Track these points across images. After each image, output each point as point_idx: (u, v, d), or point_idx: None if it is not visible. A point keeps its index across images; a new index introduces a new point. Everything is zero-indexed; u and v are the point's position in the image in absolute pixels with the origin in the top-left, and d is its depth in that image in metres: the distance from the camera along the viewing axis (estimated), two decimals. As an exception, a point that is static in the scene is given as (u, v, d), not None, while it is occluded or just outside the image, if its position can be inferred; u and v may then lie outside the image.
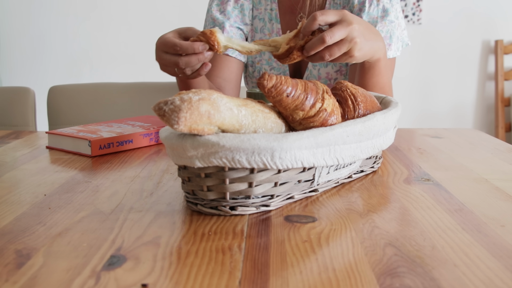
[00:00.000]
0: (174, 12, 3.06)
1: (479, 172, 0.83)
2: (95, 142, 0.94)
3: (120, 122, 1.11)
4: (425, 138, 1.13)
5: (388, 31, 1.16)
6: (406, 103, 3.16)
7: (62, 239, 0.56)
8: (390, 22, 1.16)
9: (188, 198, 0.66)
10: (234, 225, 0.60)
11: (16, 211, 0.66)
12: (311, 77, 1.24)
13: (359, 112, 0.75)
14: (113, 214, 0.64)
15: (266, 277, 0.47)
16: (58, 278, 0.47)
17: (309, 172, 0.68)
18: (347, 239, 0.56)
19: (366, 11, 1.16)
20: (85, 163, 0.91)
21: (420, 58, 3.20)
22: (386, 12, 1.16)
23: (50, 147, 1.02)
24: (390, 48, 1.16)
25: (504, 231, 0.58)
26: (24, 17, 3.06)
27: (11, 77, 3.09)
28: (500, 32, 3.18)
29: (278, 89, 0.66)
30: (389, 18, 1.16)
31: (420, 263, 0.50)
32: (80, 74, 3.07)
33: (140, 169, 0.86)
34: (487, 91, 3.26)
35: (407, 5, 3.11)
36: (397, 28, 1.18)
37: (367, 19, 1.15)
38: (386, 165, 0.89)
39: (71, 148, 0.98)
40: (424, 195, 0.71)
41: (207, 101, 0.58)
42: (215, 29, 0.85)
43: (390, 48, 1.16)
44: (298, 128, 0.70)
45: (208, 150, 0.59)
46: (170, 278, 0.47)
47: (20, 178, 0.82)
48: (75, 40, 3.09)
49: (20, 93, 1.54)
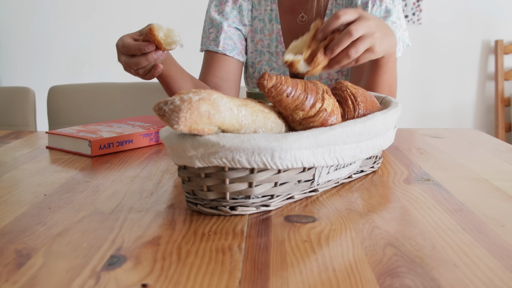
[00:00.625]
0: (174, 12, 3.06)
1: (479, 172, 0.83)
2: (95, 142, 0.94)
3: (120, 122, 1.11)
4: (425, 138, 1.13)
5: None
6: (406, 103, 3.16)
7: (62, 239, 0.56)
8: (393, 22, 1.17)
9: (188, 198, 0.66)
10: (234, 225, 0.60)
11: (16, 211, 0.66)
12: (312, 77, 1.24)
13: (359, 112, 0.75)
14: (113, 214, 0.64)
15: (266, 277, 0.47)
16: (58, 278, 0.47)
17: (309, 172, 0.68)
18: (347, 239, 0.56)
19: (369, 12, 1.16)
20: (85, 163, 0.91)
21: (420, 58, 3.20)
22: (388, 12, 1.17)
23: (50, 147, 1.02)
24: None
25: (504, 231, 0.58)
26: (24, 17, 3.06)
27: (11, 77, 3.09)
28: (500, 32, 3.18)
29: (278, 89, 0.66)
30: (392, 18, 1.17)
31: (420, 263, 0.50)
32: (80, 74, 3.07)
33: (140, 169, 0.86)
34: (487, 91, 3.26)
35: (407, 5, 3.11)
36: (399, 29, 1.18)
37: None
38: (386, 165, 0.89)
39: (71, 148, 0.98)
40: (424, 195, 0.71)
41: (207, 101, 0.58)
42: (153, 25, 0.83)
43: None
44: (298, 128, 0.70)
45: (208, 150, 0.59)
46: (170, 278, 0.47)
47: (20, 178, 0.82)
48: (75, 40, 3.09)
49: (20, 93, 1.54)
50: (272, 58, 1.26)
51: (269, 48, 1.26)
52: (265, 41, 1.26)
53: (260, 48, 1.27)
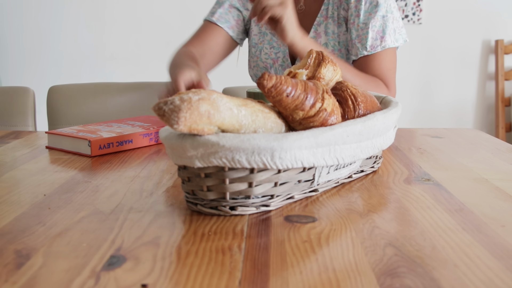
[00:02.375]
0: (174, 12, 3.06)
1: (479, 172, 0.83)
2: (95, 142, 0.94)
3: (120, 122, 1.11)
4: (425, 138, 1.13)
5: (381, 25, 1.22)
6: (406, 103, 3.16)
7: (62, 239, 0.56)
8: (382, 17, 1.23)
9: (188, 198, 0.66)
10: (234, 225, 0.60)
11: (15, 211, 0.66)
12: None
13: (359, 112, 0.74)
14: (113, 214, 0.64)
15: (266, 277, 0.47)
16: (57, 278, 0.47)
17: (309, 172, 0.68)
18: (347, 239, 0.56)
19: (362, 6, 1.23)
20: (85, 163, 0.91)
21: (420, 58, 3.20)
22: (378, 7, 1.22)
23: (49, 147, 1.02)
24: (384, 39, 1.22)
25: (504, 231, 0.58)
26: (24, 17, 3.06)
27: (11, 77, 3.09)
28: (500, 32, 3.18)
29: (278, 89, 0.65)
30: (381, 13, 1.22)
31: (420, 263, 0.50)
32: (80, 74, 3.07)
33: (140, 169, 0.86)
34: (488, 91, 3.26)
35: (407, 5, 3.11)
36: (392, 21, 1.24)
37: (363, 15, 1.23)
38: (386, 165, 0.88)
39: (70, 148, 0.98)
40: (424, 195, 0.71)
41: (207, 101, 0.58)
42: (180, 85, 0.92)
43: (384, 40, 1.22)
44: (298, 128, 0.70)
45: (208, 150, 0.59)
46: (170, 278, 0.47)
47: (20, 178, 0.81)
48: (75, 40, 3.09)
49: (20, 93, 1.54)
50: (273, 38, 1.34)
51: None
52: None
53: (264, 30, 1.36)
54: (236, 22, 1.37)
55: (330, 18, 1.28)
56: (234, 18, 1.36)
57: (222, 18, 1.35)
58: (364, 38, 1.22)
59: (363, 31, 1.23)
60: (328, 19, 1.28)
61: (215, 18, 1.34)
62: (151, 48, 3.07)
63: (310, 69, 0.77)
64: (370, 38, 1.22)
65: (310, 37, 1.29)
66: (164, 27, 3.06)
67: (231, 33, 1.35)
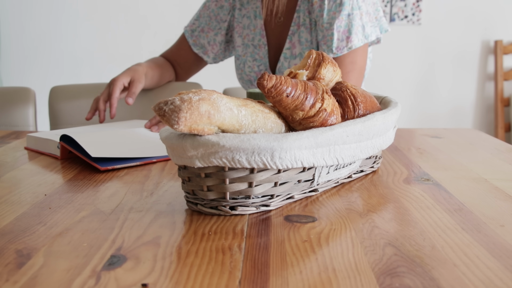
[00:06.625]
0: (174, 12, 3.06)
1: (479, 172, 0.83)
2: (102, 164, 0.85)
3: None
4: (425, 138, 1.13)
5: (347, 24, 1.19)
6: (406, 103, 3.16)
7: (63, 239, 0.56)
8: (348, 15, 1.19)
9: (188, 198, 0.66)
10: (234, 225, 0.61)
11: (16, 211, 0.66)
12: (283, 69, 1.31)
13: (359, 112, 0.75)
14: (113, 214, 0.64)
15: (266, 277, 0.48)
16: (58, 278, 0.47)
17: (309, 172, 0.68)
18: (347, 239, 0.56)
19: (326, 6, 1.20)
20: (86, 163, 0.91)
21: (419, 59, 3.20)
22: (342, 5, 1.18)
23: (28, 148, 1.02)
24: (350, 40, 1.19)
25: (503, 231, 0.58)
26: (24, 17, 3.06)
27: (11, 77, 3.09)
28: (499, 32, 3.18)
29: (278, 89, 0.66)
30: (345, 12, 1.18)
31: (419, 263, 0.50)
32: (80, 74, 3.07)
33: (141, 169, 0.86)
34: (487, 91, 3.26)
35: (407, 5, 3.11)
36: (360, 17, 1.20)
37: (326, 14, 1.20)
38: (386, 165, 0.89)
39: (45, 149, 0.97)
40: (424, 195, 0.71)
41: (207, 101, 0.58)
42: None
43: (350, 40, 1.19)
44: (298, 128, 0.70)
45: (208, 150, 0.59)
46: (170, 278, 0.47)
47: (21, 178, 0.82)
48: (75, 40, 3.09)
49: (21, 93, 1.54)
50: (255, 50, 1.34)
51: (253, 41, 1.34)
52: (250, 35, 1.35)
53: (246, 42, 1.35)
54: (212, 47, 1.41)
55: (302, 26, 1.25)
56: (210, 43, 1.40)
57: (198, 43, 1.41)
58: (329, 39, 1.19)
59: (328, 31, 1.19)
60: (300, 27, 1.25)
61: (192, 42, 1.41)
62: (153, 48, 3.07)
63: (310, 70, 0.77)
64: (336, 40, 1.18)
65: (286, 48, 1.28)
66: (164, 27, 3.06)
67: (195, 50, 1.42)
